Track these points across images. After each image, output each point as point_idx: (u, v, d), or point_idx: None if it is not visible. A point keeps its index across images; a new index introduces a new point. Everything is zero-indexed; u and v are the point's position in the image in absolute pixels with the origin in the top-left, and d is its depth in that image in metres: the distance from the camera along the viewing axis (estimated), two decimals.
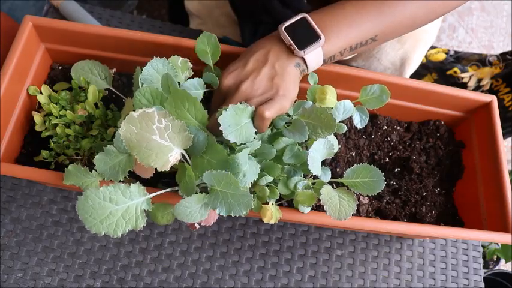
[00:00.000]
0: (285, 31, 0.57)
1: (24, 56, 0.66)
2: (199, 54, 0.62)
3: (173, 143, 0.49)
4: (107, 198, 0.47)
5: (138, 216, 0.49)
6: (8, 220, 0.73)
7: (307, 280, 0.75)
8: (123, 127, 0.48)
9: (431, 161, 0.79)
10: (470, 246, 0.81)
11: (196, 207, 0.50)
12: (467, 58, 1.34)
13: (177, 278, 0.73)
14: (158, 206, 0.56)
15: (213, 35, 0.62)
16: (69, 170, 0.55)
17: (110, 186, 0.47)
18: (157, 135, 0.48)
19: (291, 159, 0.57)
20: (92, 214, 0.46)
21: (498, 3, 2.15)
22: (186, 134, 0.49)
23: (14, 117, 0.66)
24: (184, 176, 0.52)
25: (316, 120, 0.53)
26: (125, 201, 0.48)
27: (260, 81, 0.57)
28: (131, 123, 0.48)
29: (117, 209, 0.47)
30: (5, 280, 0.69)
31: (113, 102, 0.71)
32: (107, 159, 0.52)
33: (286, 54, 0.58)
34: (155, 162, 0.48)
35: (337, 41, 0.59)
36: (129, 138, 0.48)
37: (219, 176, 0.49)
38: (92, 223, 0.47)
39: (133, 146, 0.48)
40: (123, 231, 0.47)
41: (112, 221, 0.47)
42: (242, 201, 0.48)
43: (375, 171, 0.56)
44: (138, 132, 0.48)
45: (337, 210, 0.54)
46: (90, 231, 0.74)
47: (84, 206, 0.47)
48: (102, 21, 0.92)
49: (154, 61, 0.57)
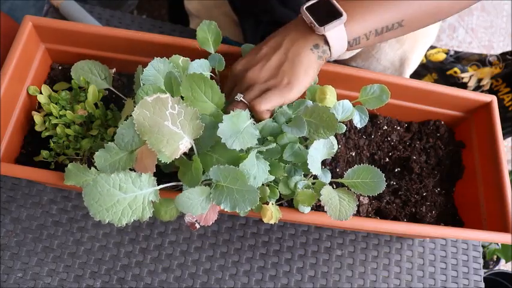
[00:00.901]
0: (306, 11, 0.56)
1: (24, 56, 0.66)
2: (200, 42, 0.62)
3: (184, 130, 0.49)
4: (117, 186, 0.47)
5: (145, 207, 0.48)
6: (8, 220, 0.73)
7: (307, 280, 0.75)
8: (136, 111, 0.48)
9: (431, 161, 0.79)
10: (470, 246, 0.81)
11: (199, 200, 0.50)
12: (467, 58, 1.34)
13: (177, 278, 0.73)
14: (162, 201, 0.56)
15: (213, 22, 0.61)
16: (69, 169, 0.55)
17: (121, 173, 0.47)
18: (169, 121, 0.48)
19: (291, 156, 0.57)
20: (98, 200, 0.46)
21: (498, 3, 2.15)
22: (197, 123, 0.49)
23: (14, 117, 0.66)
24: (189, 169, 0.51)
25: (318, 120, 0.53)
26: (134, 190, 0.48)
27: (268, 68, 0.56)
28: (145, 107, 0.48)
29: (125, 198, 0.47)
30: (5, 280, 0.69)
31: (113, 102, 0.71)
32: (107, 156, 0.52)
33: (304, 36, 0.57)
34: (166, 149, 0.48)
35: (362, 22, 0.57)
36: (141, 123, 0.48)
37: (226, 171, 0.49)
38: (97, 210, 0.46)
39: (145, 131, 0.48)
40: (128, 221, 0.47)
41: (118, 209, 0.47)
42: (248, 197, 0.48)
43: (376, 172, 0.56)
44: (151, 116, 0.48)
45: (338, 211, 0.54)
46: (90, 232, 0.74)
47: (92, 191, 0.46)
48: (102, 21, 0.92)
49: (155, 61, 0.57)
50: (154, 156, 0.53)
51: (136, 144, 0.52)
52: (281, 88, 0.55)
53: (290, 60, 0.56)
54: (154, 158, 0.53)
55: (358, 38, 0.58)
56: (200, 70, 0.59)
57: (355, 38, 0.58)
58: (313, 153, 0.54)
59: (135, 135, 0.51)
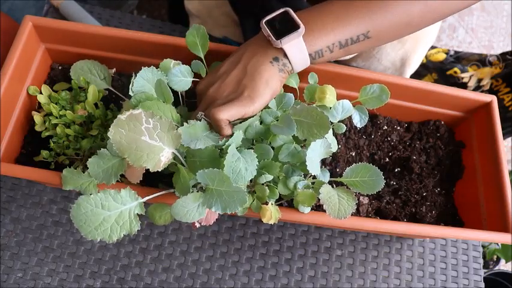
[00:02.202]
0: (265, 25, 0.56)
1: (24, 56, 0.66)
2: (189, 46, 0.62)
3: (163, 142, 0.49)
4: (99, 205, 0.48)
5: (132, 221, 0.49)
6: (8, 220, 0.73)
7: (307, 280, 0.75)
8: (111, 130, 0.48)
9: (431, 161, 0.79)
10: (470, 246, 0.81)
11: (193, 206, 0.50)
12: (467, 58, 1.34)
13: (177, 278, 0.73)
14: (156, 206, 0.56)
15: (201, 27, 0.62)
16: (64, 175, 0.55)
17: (100, 192, 0.48)
18: (146, 136, 0.49)
19: (287, 157, 0.57)
20: (86, 221, 0.47)
21: (498, 3, 2.15)
22: (174, 133, 0.50)
23: (14, 117, 0.66)
24: (179, 177, 0.52)
25: (309, 119, 0.53)
26: (117, 206, 0.48)
27: (227, 84, 0.56)
28: (119, 126, 0.48)
29: (110, 215, 0.48)
30: (5, 280, 0.69)
31: (113, 102, 0.71)
32: (100, 162, 0.52)
33: (264, 49, 0.56)
34: (147, 163, 0.49)
35: (322, 35, 0.56)
36: (118, 142, 0.48)
37: (211, 175, 0.49)
38: (87, 230, 0.47)
39: (124, 149, 0.48)
40: (118, 237, 0.48)
41: (106, 227, 0.48)
42: (236, 197, 0.49)
43: (374, 170, 0.56)
44: (127, 134, 0.48)
45: (337, 209, 0.54)
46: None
47: (78, 213, 0.47)
48: (102, 21, 0.92)
49: (143, 71, 0.58)
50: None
51: None
52: (241, 99, 0.54)
53: (249, 74, 0.55)
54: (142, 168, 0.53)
55: (320, 50, 0.57)
56: (180, 76, 0.60)
57: (316, 51, 0.57)
58: (311, 154, 0.54)
59: None
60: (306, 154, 0.54)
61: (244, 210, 0.58)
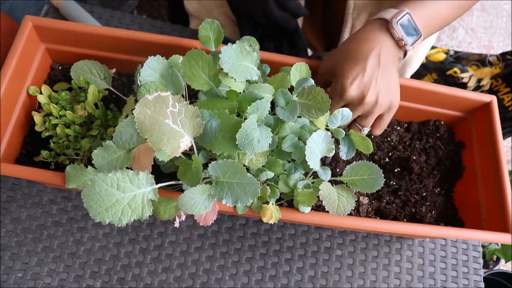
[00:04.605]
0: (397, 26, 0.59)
1: (24, 56, 0.66)
2: (202, 40, 0.62)
3: (184, 129, 0.49)
4: (115, 185, 0.46)
5: (145, 206, 0.48)
6: (8, 220, 0.73)
7: (307, 280, 0.75)
8: (137, 109, 0.48)
9: (431, 161, 0.79)
10: (470, 246, 0.81)
11: (201, 199, 0.50)
12: (467, 58, 1.34)
13: (177, 278, 0.73)
14: (161, 199, 0.56)
15: (215, 21, 0.61)
16: (68, 171, 0.55)
17: (118, 172, 0.47)
18: (170, 119, 0.49)
19: (290, 147, 0.57)
20: (97, 201, 0.46)
21: (498, 3, 2.15)
22: (198, 121, 0.49)
23: (14, 117, 0.66)
24: (189, 169, 0.52)
25: (312, 101, 0.54)
26: (132, 189, 0.47)
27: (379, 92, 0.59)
28: (145, 105, 0.48)
29: (124, 197, 0.47)
30: (5, 280, 0.69)
31: (113, 102, 0.71)
32: (105, 154, 0.52)
33: (394, 49, 0.60)
34: (166, 147, 0.48)
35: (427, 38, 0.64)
36: (142, 121, 0.48)
37: (225, 166, 0.49)
38: (97, 211, 0.46)
39: (146, 129, 0.48)
40: (127, 221, 0.47)
41: (118, 209, 0.46)
42: (249, 189, 0.48)
43: (374, 168, 0.57)
44: (151, 115, 0.48)
45: (336, 206, 0.54)
46: (90, 232, 0.74)
47: (91, 192, 0.46)
48: (102, 21, 0.92)
49: (150, 60, 0.56)
50: (151, 155, 0.53)
51: (134, 142, 0.52)
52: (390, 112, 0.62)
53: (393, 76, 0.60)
54: (151, 157, 0.53)
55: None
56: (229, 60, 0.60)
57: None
58: (311, 145, 0.54)
59: (133, 134, 0.51)
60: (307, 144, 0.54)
61: (245, 209, 0.58)
